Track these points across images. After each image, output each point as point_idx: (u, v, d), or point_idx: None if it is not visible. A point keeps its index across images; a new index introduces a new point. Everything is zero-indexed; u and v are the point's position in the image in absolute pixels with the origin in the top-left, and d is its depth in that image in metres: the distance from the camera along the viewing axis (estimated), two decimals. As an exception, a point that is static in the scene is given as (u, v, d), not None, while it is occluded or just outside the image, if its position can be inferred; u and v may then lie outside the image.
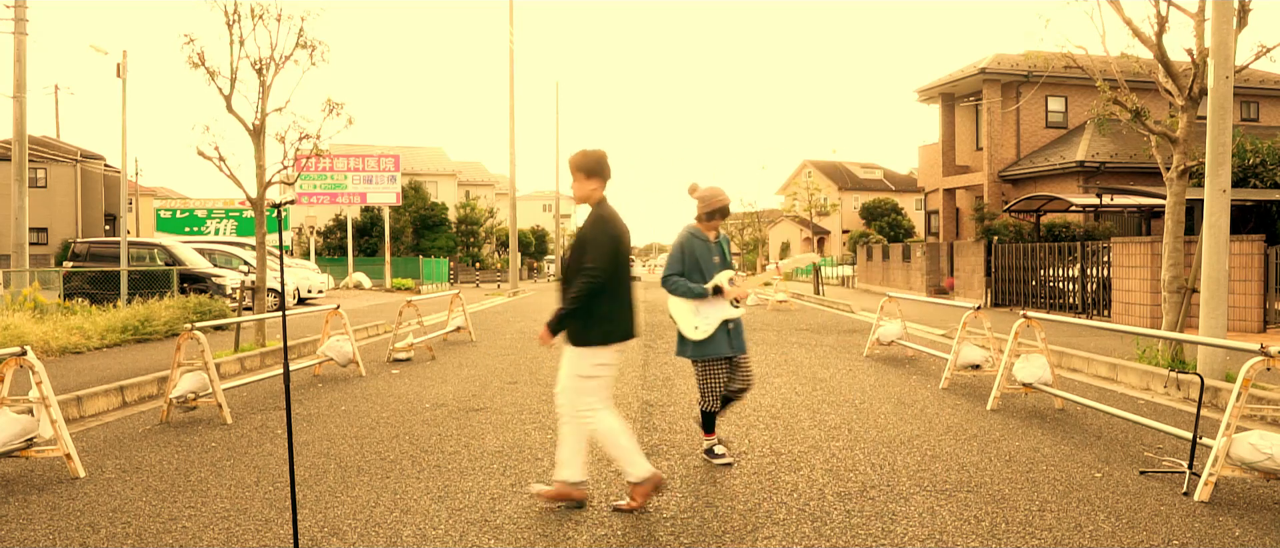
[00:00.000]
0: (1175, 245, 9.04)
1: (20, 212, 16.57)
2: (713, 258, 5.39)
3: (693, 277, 5.33)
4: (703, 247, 5.38)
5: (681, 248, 5.38)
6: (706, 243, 5.40)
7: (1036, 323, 7.31)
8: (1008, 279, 18.63)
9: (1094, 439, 6.08)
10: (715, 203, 5.39)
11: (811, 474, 5.16)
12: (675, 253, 5.40)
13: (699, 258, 5.36)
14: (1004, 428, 6.47)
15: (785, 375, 9.19)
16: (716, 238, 5.47)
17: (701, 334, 5.27)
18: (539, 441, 6.12)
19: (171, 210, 33.70)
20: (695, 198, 5.42)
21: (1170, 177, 9.21)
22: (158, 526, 4.31)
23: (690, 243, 5.39)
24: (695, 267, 5.34)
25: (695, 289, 5.26)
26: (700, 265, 5.34)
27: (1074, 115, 27.44)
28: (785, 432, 6.35)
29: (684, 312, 5.34)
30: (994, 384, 7.41)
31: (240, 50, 10.94)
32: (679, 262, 5.37)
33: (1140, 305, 13.88)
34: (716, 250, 5.43)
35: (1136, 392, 8.25)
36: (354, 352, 9.51)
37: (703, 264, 5.35)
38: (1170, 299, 9.04)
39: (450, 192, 54.29)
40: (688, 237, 5.41)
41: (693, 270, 5.34)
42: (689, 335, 5.31)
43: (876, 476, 5.11)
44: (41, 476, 5.32)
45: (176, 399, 6.93)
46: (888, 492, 4.77)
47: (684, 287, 5.28)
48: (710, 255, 5.38)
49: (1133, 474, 5.14)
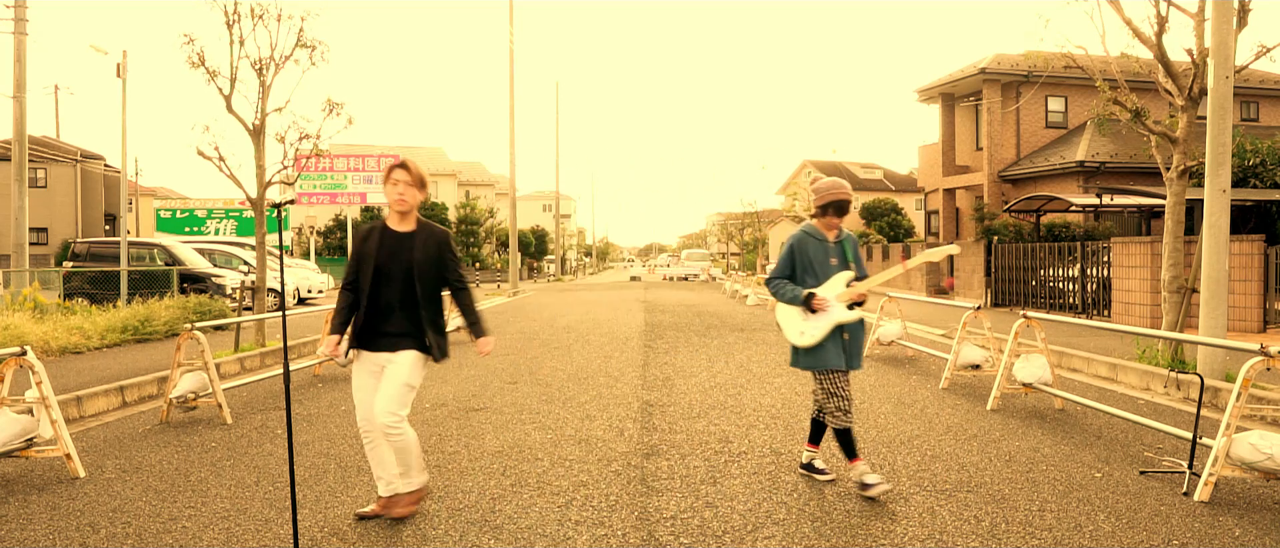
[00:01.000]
0: (1175, 245, 9.04)
1: (20, 212, 16.57)
2: (830, 259, 4.82)
3: (805, 280, 4.82)
4: (817, 247, 4.84)
5: (791, 248, 4.88)
6: (822, 243, 4.84)
7: (1036, 323, 7.31)
8: (1008, 279, 18.63)
9: (1094, 439, 6.08)
10: (830, 195, 4.78)
11: (812, 475, 5.15)
12: (784, 254, 4.90)
13: (812, 259, 4.82)
14: (1004, 428, 6.47)
15: (785, 375, 9.19)
16: (837, 237, 4.88)
17: (809, 340, 4.76)
18: (539, 441, 6.12)
19: (171, 210, 33.71)
20: (811, 191, 4.91)
21: (1170, 177, 9.21)
22: (158, 526, 4.31)
23: (801, 243, 4.87)
24: (807, 269, 4.83)
25: (787, 293, 4.80)
26: (813, 267, 4.81)
27: (1074, 115, 27.45)
28: (785, 431, 6.35)
29: (789, 317, 4.87)
30: (994, 384, 7.42)
31: (240, 50, 10.95)
32: (787, 263, 4.88)
33: (1140, 305, 13.87)
34: (835, 251, 4.85)
35: (1136, 392, 8.25)
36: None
37: (817, 266, 4.81)
38: (1170, 299, 9.04)
39: (450, 192, 54.30)
40: (800, 235, 4.90)
41: (804, 273, 4.83)
42: (795, 341, 4.84)
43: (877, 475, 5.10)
44: (41, 476, 5.32)
45: (176, 399, 6.93)
46: (888, 492, 4.76)
47: (786, 292, 4.81)
48: (826, 257, 4.82)
49: (1133, 474, 5.14)
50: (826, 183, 4.83)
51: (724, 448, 5.83)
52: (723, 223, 73.86)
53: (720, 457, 5.59)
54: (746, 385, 8.49)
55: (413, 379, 4.32)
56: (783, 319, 4.92)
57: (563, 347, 12.04)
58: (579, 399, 7.74)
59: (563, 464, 5.44)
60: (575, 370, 9.59)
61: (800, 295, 4.74)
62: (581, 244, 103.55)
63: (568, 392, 8.16)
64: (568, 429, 6.47)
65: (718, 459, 5.52)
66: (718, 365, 9.91)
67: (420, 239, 4.35)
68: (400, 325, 4.31)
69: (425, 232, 4.39)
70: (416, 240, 4.34)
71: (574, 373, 9.40)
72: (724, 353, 11.15)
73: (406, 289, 4.31)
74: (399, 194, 4.29)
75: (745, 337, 13.40)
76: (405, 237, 4.35)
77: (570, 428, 6.52)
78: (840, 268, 4.82)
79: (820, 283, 4.79)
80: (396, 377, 4.27)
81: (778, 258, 4.96)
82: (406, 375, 4.28)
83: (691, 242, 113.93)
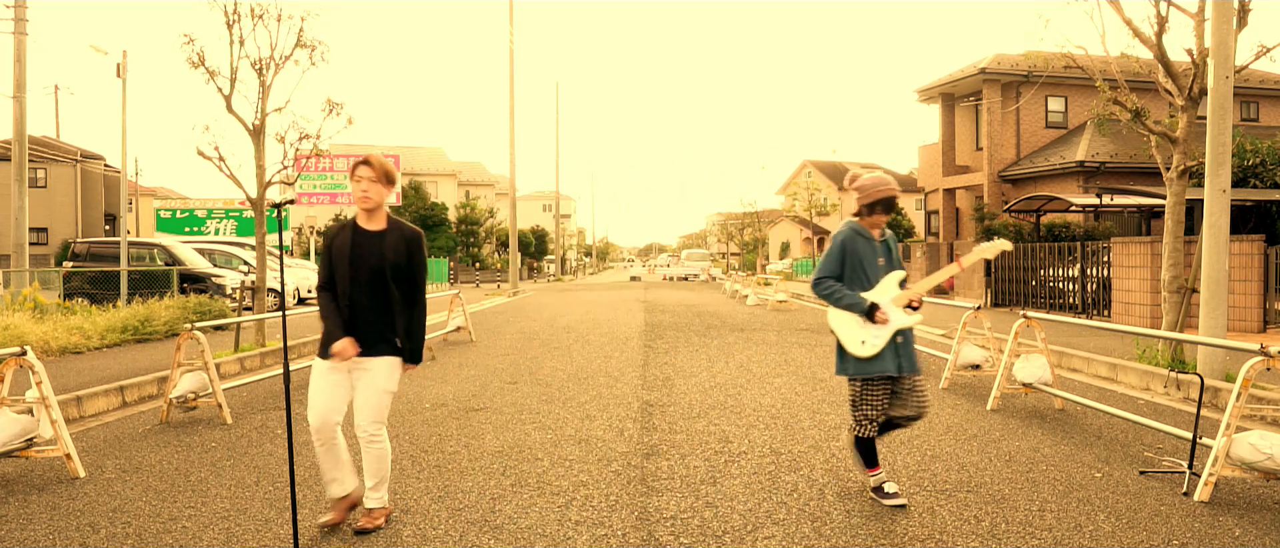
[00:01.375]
0: (1175, 245, 9.04)
1: (20, 212, 16.57)
2: (878, 259, 4.55)
3: (855, 281, 4.51)
4: (866, 246, 4.53)
5: (842, 246, 4.54)
6: (870, 242, 4.55)
7: (1036, 323, 7.31)
8: (1008, 279, 18.63)
9: (1094, 439, 6.08)
10: (877, 193, 4.49)
11: (812, 474, 5.16)
12: (833, 252, 4.55)
13: (863, 259, 4.52)
14: (1004, 428, 6.47)
15: (785, 376, 9.19)
16: (882, 236, 4.60)
17: (870, 350, 4.45)
18: (539, 440, 6.12)
19: (171, 210, 33.69)
20: (854, 189, 4.57)
21: (1170, 177, 9.21)
22: (158, 526, 4.31)
23: (851, 241, 4.54)
24: (857, 269, 4.51)
25: (853, 300, 4.46)
26: (863, 268, 4.51)
27: (1074, 115, 27.45)
28: (785, 431, 6.35)
29: (847, 324, 4.52)
30: (994, 384, 7.41)
31: (240, 50, 10.95)
32: (837, 263, 4.53)
33: (1140, 305, 13.87)
34: (882, 250, 4.58)
35: (1136, 392, 8.25)
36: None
37: (867, 267, 4.51)
38: (1170, 299, 9.04)
39: (450, 192, 54.29)
40: (849, 233, 4.56)
41: (855, 275, 4.51)
42: (854, 351, 4.48)
43: (876, 476, 5.10)
44: (41, 476, 5.32)
45: (176, 399, 6.93)
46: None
47: (846, 298, 4.48)
48: (874, 257, 4.54)
49: (1133, 474, 5.14)
50: (871, 179, 4.53)
51: (724, 448, 5.83)
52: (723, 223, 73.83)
53: (720, 457, 5.59)
54: (746, 386, 8.49)
55: (391, 385, 4.17)
56: (838, 325, 4.55)
57: (563, 347, 12.04)
58: (579, 399, 7.74)
59: (563, 464, 5.44)
60: (575, 370, 9.59)
61: (863, 305, 4.44)
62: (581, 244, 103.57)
63: (568, 392, 8.16)
64: (568, 429, 6.47)
65: (718, 459, 5.52)
66: (718, 366, 9.92)
67: (391, 239, 4.18)
68: (373, 328, 4.13)
69: (396, 231, 4.22)
70: (387, 240, 4.17)
71: (574, 373, 9.40)
72: (724, 353, 11.15)
73: (378, 290, 4.12)
74: (363, 191, 4.11)
75: (745, 337, 13.40)
76: (375, 236, 4.18)
77: (570, 428, 6.52)
78: (888, 268, 4.56)
79: (871, 284, 4.52)
80: (374, 384, 4.12)
81: (824, 257, 4.62)
82: (383, 382, 4.13)
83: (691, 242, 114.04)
